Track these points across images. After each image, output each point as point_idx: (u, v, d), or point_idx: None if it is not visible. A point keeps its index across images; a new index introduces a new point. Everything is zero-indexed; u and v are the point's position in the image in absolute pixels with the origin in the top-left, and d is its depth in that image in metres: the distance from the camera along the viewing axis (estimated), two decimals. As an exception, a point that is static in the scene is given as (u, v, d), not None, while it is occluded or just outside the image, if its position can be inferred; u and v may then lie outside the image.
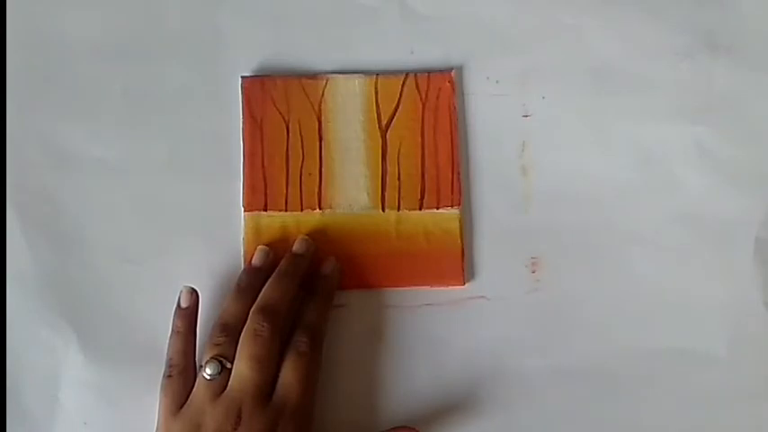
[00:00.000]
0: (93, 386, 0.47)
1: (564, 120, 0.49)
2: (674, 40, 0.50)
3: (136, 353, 0.47)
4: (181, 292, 0.46)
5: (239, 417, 0.42)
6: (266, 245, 0.47)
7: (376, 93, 0.49)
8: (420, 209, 0.48)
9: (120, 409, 0.46)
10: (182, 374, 0.44)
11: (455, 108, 0.49)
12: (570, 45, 0.50)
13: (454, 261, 0.47)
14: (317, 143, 0.48)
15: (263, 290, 0.45)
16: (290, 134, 0.49)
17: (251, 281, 0.46)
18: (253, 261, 0.47)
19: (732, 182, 0.48)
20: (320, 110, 0.49)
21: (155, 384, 0.44)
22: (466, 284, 0.47)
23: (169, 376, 0.44)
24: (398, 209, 0.48)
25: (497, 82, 0.49)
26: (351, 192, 0.48)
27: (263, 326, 0.43)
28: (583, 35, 0.50)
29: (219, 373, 0.43)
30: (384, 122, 0.49)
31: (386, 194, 0.48)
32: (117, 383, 0.47)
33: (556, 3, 0.50)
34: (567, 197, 0.48)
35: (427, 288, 0.47)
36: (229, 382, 0.43)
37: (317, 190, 0.48)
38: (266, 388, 0.43)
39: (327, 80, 0.49)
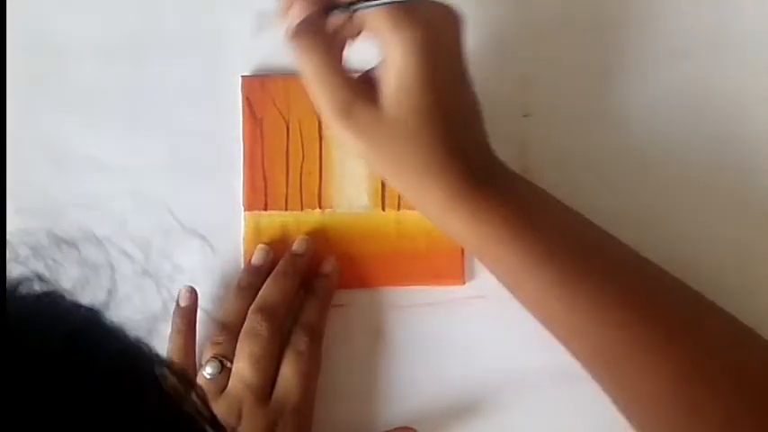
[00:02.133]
0: (92, 386, 0.47)
1: (564, 120, 0.49)
2: (674, 40, 0.50)
3: (136, 353, 0.47)
4: (180, 291, 0.46)
5: (239, 416, 0.42)
6: (266, 244, 0.47)
7: (376, 92, 0.49)
8: (420, 208, 0.48)
9: (119, 409, 0.46)
10: (182, 374, 0.44)
11: (455, 108, 0.49)
12: (570, 45, 0.50)
13: (454, 260, 0.47)
14: (317, 143, 0.48)
15: (262, 289, 0.45)
16: (290, 134, 0.49)
17: (251, 280, 0.46)
18: (252, 260, 0.47)
19: (732, 182, 0.48)
20: (320, 110, 0.49)
21: (154, 384, 0.44)
22: (466, 284, 0.47)
23: (169, 376, 0.44)
24: (398, 208, 0.48)
25: (497, 82, 0.49)
26: (351, 191, 0.48)
27: (261, 325, 0.43)
28: (583, 35, 0.50)
29: (219, 373, 0.43)
30: (384, 122, 0.49)
31: (386, 194, 0.48)
32: (117, 383, 0.46)
33: (555, 2, 0.50)
34: (568, 197, 0.48)
35: (427, 288, 0.47)
36: (229, 382, 0.43)
37: (317, 190, 0.48)
38: (266, 387, 0.43)
39: (327, 80, 0.49)
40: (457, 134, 0.41)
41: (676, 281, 0.42)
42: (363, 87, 0.41)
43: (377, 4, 0.40)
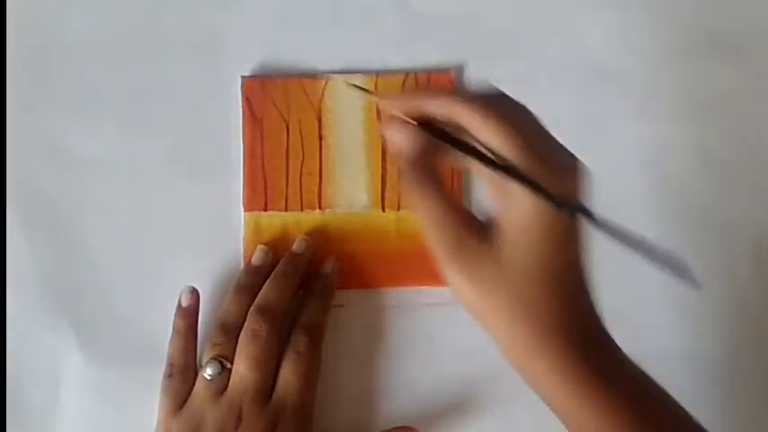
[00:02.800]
0: (93, 386, 0.47)
1: (564, 120, 0.49)
2: (674, 40, 0.50)
3: (136, 353, 0.47)
4: (182, 291, 0.46)
5: (239, 417, 0.42)
6: (266, 244, 0.47)
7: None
8: (420, 209, 0.48)
9: (120, 409, 0.46)
10: (182, 374, 0.44)
11: (455, 108, 0.49)
12: (570, 45, 0.50)
13: (454, 261, 0.47)
14: (317, 143, 0.48)
15: (262, 290, 0.45)
16: (290, 134, 0.49)
17: (250, 280, 0.46)
18: (252, 261, 0.47)
19: (732, 182, 0.48)
20: (320, 110, 0.49)
21: (155, 384, 0.44)
22: (466, 284, 0.47)
23: (170, 376, 0.44)
24: (398, 209, 0.48)
25: (497, 82, 0.49)
26: (351, 191, 0.48)
27: (261, 326, 0.43)
28: (583, 35, 0.50)
29: (220, 374, 0.43)
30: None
31: (386, 194, 0.48)
32: (117, 383, 0.47)
33: (556, 2, 0.50)
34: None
35: (427, 288, 0.47)
36: (229, 383, 0.43)
37: (316, 190, 0.48)
38: (266, 388, 0.43)
39: (327, 80, 0.49)
40: (574, 299, 0.36)
41: None
42: (480, 226, 0.36)
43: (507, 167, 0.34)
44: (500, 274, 0.35)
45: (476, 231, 0.36)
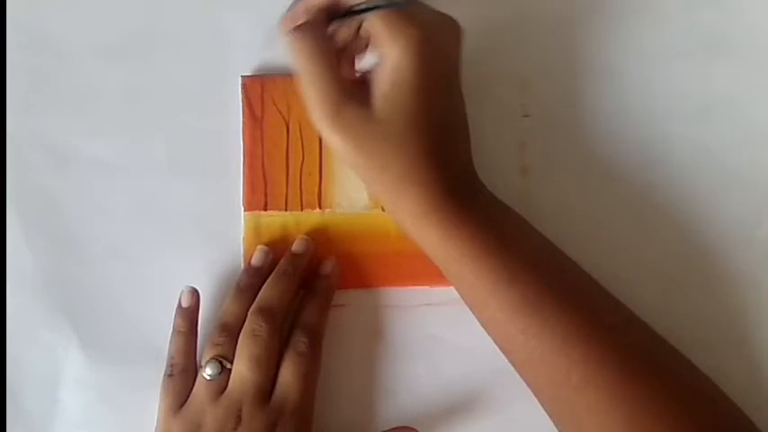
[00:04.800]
0: (93, 386, 0.47)
1: (564, 120, 0.49)
2: (674, 40, 0.49)
3: (136, 353, 0.47)
4: (182, 291, 0.46)
5: (239, 417, 0.42)
6: (266, 244, 0.47)
7: (376, 93, 0.49)
8: (420, 209, 0.48)
9: (120, 409, 0.46)
10: (182, 374, 0.44)
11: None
12: (570, 45, 0.50)
13: (454, 261, 0.47)
14: (317, 143, 0.48)
15: (262, 290, 0.45)
16: (290, 134, 0.49)
17: (250, 281, 0.46)
18: (252, 261, 0.47)
19: (732, 183, 0.48)
20: (320, 110, 0.49)
21: (155, 384, 0.44)
22: (466, 284, 0.47)
23: (170, 375, 0.44)
24: (398, 209, 0.48)
25: (497, 82, 0.49)
26: (351, 191, 0.48)
27: (261, 326, 0.43)
28: (583, 35, 0.50)
29: (219, 374, 0.43)
30: (384, 122, 0.49)
31: (386, 194, 0.48)
32: (117, 383, 0.47)
33: (556, 2, 0.50)
34: (568, 198, 0.48)
35: (427, 288, 0.47)
36: (229, 383, 0.43)
37: (317, 189, 0.48)
38: (266, 388, 0.43)
39: (327, 80, 0.49)
40: (443, 143, 0.41)
41: (640, 321, 0.42)
42: (355, 89, 0.41)
43: (373, 8, 0.41)
44: (373, 130, 0.40)
45: (352, 91, 0.41)
